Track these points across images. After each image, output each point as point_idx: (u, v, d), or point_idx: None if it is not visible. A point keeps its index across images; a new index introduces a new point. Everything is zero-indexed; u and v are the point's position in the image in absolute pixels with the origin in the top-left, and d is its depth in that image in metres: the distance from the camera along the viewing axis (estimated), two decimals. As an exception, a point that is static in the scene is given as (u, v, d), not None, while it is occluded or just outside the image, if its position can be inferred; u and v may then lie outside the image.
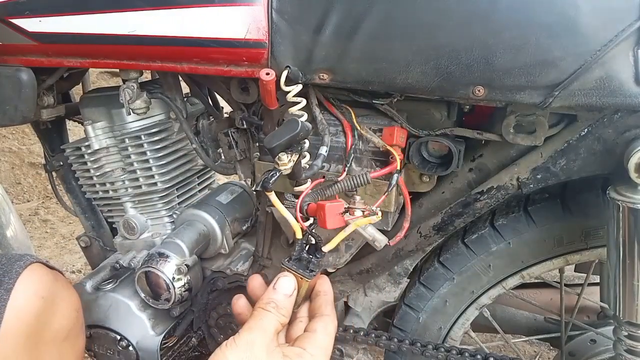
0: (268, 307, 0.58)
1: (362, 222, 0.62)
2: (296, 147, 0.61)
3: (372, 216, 0.62)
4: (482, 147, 0.78)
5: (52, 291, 0.77)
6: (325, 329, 0.60)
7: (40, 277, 0.76)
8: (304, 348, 0.58)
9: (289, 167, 0.61)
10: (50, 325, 0.77)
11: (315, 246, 0.62)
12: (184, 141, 1.03)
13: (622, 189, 0.65)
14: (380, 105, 0.75)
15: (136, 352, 1.00)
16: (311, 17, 0.68)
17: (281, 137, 0.58)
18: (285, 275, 0.61)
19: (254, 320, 0.58)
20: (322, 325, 0.60)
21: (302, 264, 0.62)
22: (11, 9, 0.79)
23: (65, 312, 0.81)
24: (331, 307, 0.63)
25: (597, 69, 0.60)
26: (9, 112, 0.86)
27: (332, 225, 0.60)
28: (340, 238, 0.62)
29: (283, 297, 0.59)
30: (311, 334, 0.60)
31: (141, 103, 0.88)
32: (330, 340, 0.60)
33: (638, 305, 0.68)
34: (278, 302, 0.59)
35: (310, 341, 0.59)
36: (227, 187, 1.12)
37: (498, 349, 1.53)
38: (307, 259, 0.62)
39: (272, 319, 0.58)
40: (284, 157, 0.60)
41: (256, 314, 0.58)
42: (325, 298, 0.64)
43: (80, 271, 2.14)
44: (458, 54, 0.63)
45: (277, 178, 0.60)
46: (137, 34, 0.73)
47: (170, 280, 0.93)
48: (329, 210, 0.60)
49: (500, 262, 0.85)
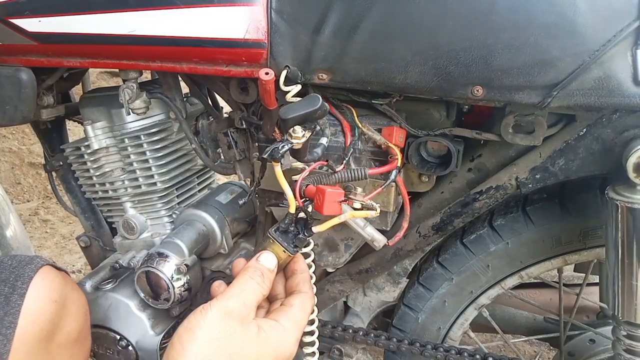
0: (254, 275, 0.57)
1: (357, 214, 0.61)
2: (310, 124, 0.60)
3: (369, 210, 0.61)
4: (481, 147, 0.78)
5: (63, 294, 0.77)
6: (302, 304, 0.60)
7: (52, 280, 0.75)
8: (277, 320, 0.57)
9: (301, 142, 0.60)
10: (62, 328, 0.77)
11: (305, 224, 0.62)
12: (183, 141, 1.03)
13: (621, 189, 0.65)
14: (380, 105, 0.75)
15: (136, 351, 1.00)
16: (310, 17, 0.68)
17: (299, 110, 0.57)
18: (267, 252, 0.60)
19: (236, 289, 0.56)
20: (299, 300, 0.60)
21: (287, 237, 0.61)
22: (11, 9, 0.79)
23: (75, 315, 0.81)
24: (309, 285, 0.63)
25: (595, 69, 0.60)
26: (9, 112, 0.86)
27: (328, 211, 0.59)
28: (332, 223, 0.61)
29: (266, 270, 0.59)
30: (287, 307, 0.59)
31: (141, 103, 0.89)
32: (305, 316, 0.60)
33: (637, 305, 0.68)
34: (265, 273, 0.58)
35: (285, 315, 0.58)
36: (226, 187, 1.12)
37: (497, 349, 1.53)
38: (294, 234, 0.61)
39: (255, 289, 0.57)
40: (299, 130, 0.59)
41: (240, 281, 0.57)
42: (302, 276, 0.63)
43: (80, 271, 2.14)
44: (457, 54, 0.64)
45: (287, 150, 0.59)
46: (137, 34, 0.73)
47: (169, 280, 0.93)
48: (329, 196, 0.59)
49: (499, 262, 0.85)
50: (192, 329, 0.53)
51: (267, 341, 0.55)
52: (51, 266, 0.77)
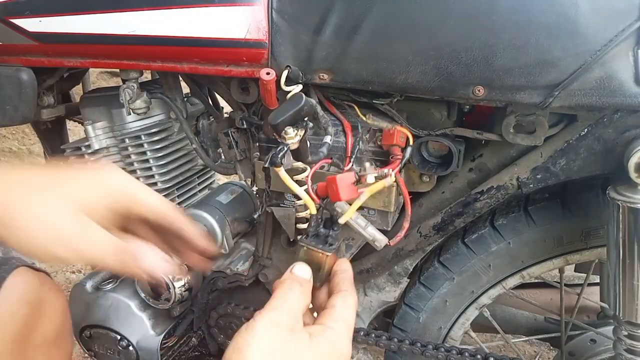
0: (293, 285, 0.55)
1: (376, 187, 0.59)
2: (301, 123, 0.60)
3: (385, 179, 0.60)
4: (482, 147, 0.78)
5: (38, 295, 0.75)
6: (344, 302, 0.57)
7: (26, 281, 0.74)
8: (324, 324, 0.54)
9: (296, 142, 0.59)
10: (37, 330, 0.76)
11: (331, 220, 0.61)
12: (184, 141, 1.03)
13: (622, 189, 0.65)
14: (381, 105, 0.75)
15: (136, 352, 1.00)
16: (311, 17, 0.68)
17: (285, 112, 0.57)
18: (300, 263, 0.58)
19: (278, 300, 0.53)
20: (341, 299, 0.57)
21: (320, 239, 0.59)
22: (11, 9, 0.79)
23: (53, 316, 0.79)
24: (349, 283, 0.60)
25: (597, 69, 0.60)
26: (9, 112, 0.86)
27: (346, 196, 0.58)
28: (355, 207, 0.59)
29: (303, 280, 0.56)
30: (330, 309, 0.56)
31: (141, 103, 0.89)
32: (350, 312, 0.57)
33: (638, 305, 0.68)
34: (304, 283, 0.56)
35: (329, 316, 0.55)
36: (227, 187, 1.12)
37: (498, 348, 1.53)
38: (325, 234, 0.60)
39: (297, 297, 0.54)
40: (290, 131, 0.59)
41: (280, 293, 0.54)
42: (342, 275, 0.60)
43: (80, 271, 2.14)
44: (458, 54, 0.63)
45: (284, 152, 0.58)
46: (137, 34, 0.73)
47: (170, 280, 0.93)
48: (341, 181, 0.58)
49: (500, 262, 0.85)
50: (241, 349, 0.48)
51: (321, 346, 0.52)
52: (28, 267, 0.76)
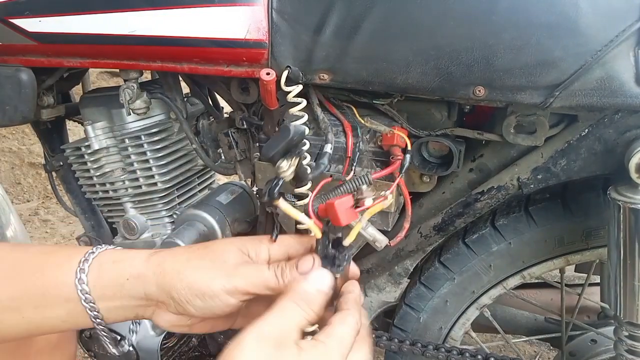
0: (297, 299, 0.52)
1: (373, 209, 0.60)
2: (294, 151, 0.60)
3: (383, 202, 0.60)
4: (483, 148, 0.78)
5: None
6: (343, 320, 0.54)
7: None
8: (316, 339, 0.52)
9: (291, 173, 0.60)
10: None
11: (337, 242, 0.61)
12: (184, 141, 1.02)
13: (623, 189, 0.65)
14: (381, 105, 0.75)
15: (136, 352, 0.99)
16: (311, 17, 0.68)
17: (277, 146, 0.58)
18: (321, 270, 0.56)
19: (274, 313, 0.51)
20: (340, 317, 0.55)
21: (327, 261, 0.59)
22: (11, 9, 0.79)
23: None
24: (353, 303, 0.57)
25: (597, 69, 0.60)
26: (9, 112, 0.86)
27: (346, 220, 0.58)
28: (357, 230, 0.60)
29: (316, 292, 0.54)
30: (327, 326, 0.54)
31: (141, 103, 0.88)
32: (347, 330, 0.54)
33: (639, 306, 0.68)
34: (310, 296, 0.53)
35: (323, 332, 0.53)
36: (227, 187, 1.11)
37: (498, 349, 1.53)
38: (332, 255, 0.60)
39: (296, 313, 0.52)
40: (283, 165, 0.59)
41: (281, 305, 0.52)
42: (348, 295, 0.58)
43: (81, 271, 2.13)
44: (458, 54, 0.63)
45: (281, 186, 0.59)
46: (137, 34, 0.73)
47: (170, 281, 0.92)
48: (339, 206, 0.58)
49: (501, 262, 0.85)
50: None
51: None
52: None
